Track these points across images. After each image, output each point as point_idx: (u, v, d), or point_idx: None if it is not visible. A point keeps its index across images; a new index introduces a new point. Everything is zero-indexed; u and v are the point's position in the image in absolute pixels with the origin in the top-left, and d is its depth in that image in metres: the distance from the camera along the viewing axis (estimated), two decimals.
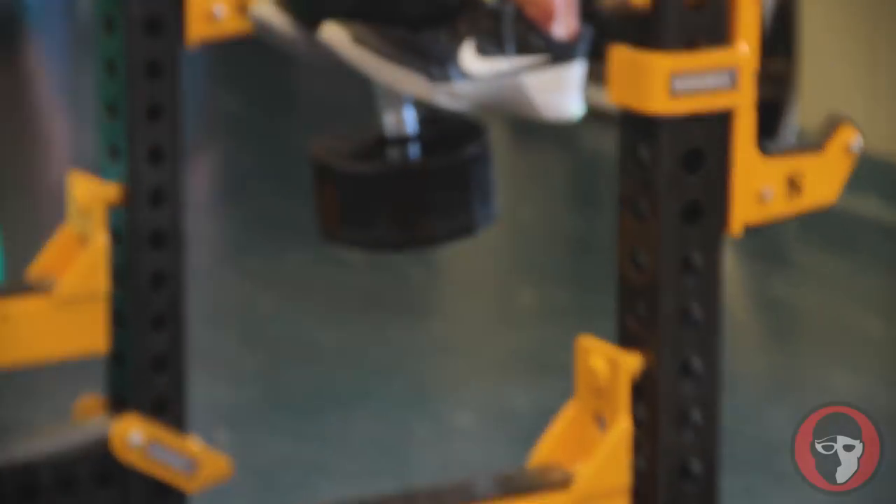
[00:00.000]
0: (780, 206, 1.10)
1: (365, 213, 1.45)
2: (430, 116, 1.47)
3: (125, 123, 1.36)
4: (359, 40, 1.38)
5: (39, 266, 1.52)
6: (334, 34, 1.37)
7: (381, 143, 1.47)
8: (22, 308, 1.44)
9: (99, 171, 1.42)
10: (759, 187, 1.07)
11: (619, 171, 1.11)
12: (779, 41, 3.58)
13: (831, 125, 1.09)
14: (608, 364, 1.07)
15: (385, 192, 1.45)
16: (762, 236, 2.76)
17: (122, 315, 1.45)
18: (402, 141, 1.48)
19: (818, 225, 2.54)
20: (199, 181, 3.21)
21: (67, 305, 1.45)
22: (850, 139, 1.10)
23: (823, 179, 1.10)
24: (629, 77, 1.06)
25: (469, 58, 1.44)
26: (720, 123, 1.07)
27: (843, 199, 1.18)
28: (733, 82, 1.06)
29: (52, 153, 3.37)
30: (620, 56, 1.05)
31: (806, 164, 1.09)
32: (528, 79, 1.39)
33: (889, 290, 3.01)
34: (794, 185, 1.08)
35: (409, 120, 1.47)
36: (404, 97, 1.46)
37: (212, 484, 1.65)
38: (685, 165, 1.04)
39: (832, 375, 2.78)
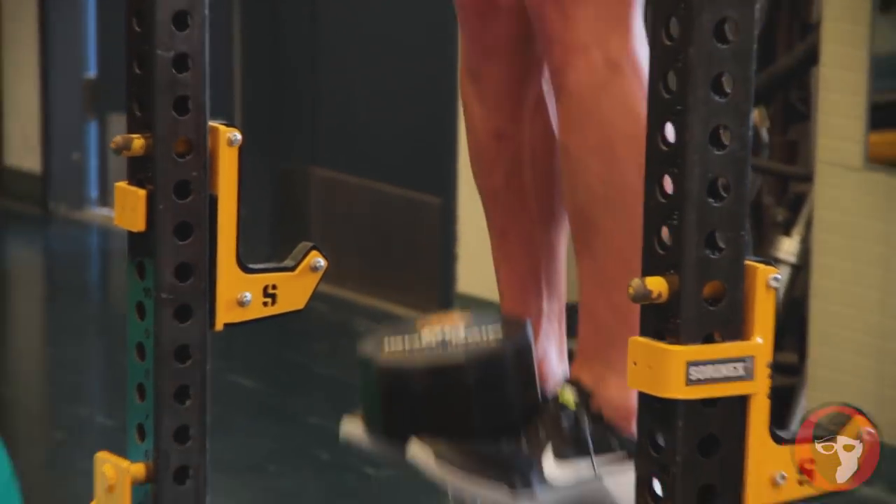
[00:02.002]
0: (792, 490, 1.14)
1: None
2: None
3: (152, 404, 1.44)
4: (442, 457, 1.48)
5: None
6: (419, 452, 1.49)
7: None
8: None
9: (125, 450, 1.51)
10: (772, 472, 1.13)
11: (637, 453, 1.15)
12: (790, 332, 3.87)
13: (838, 420, 1.18)
14: None
15: None
16: None
17: None
18: None
19: None
20: (217, 459, 3.34)
21: None
22: (861, 430, 1.20)
23: (828, 467, 1.19)
24: (648, 365, 1.13)
25: (549, 465, 1.52)
26: (735, 410, 1.14)
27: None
28: (748, 372, 1.13)
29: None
30: (639, 346, 1.13)
31: (816, 453, 1.17)
32: (610, 482, 1.46)
33: None
34: (805, 471, 1.16)
35: None
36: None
37: None
38: (700, 450, 1.10)
39: None
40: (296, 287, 1.59)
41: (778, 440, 1.13)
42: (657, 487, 1.09)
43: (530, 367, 1.62)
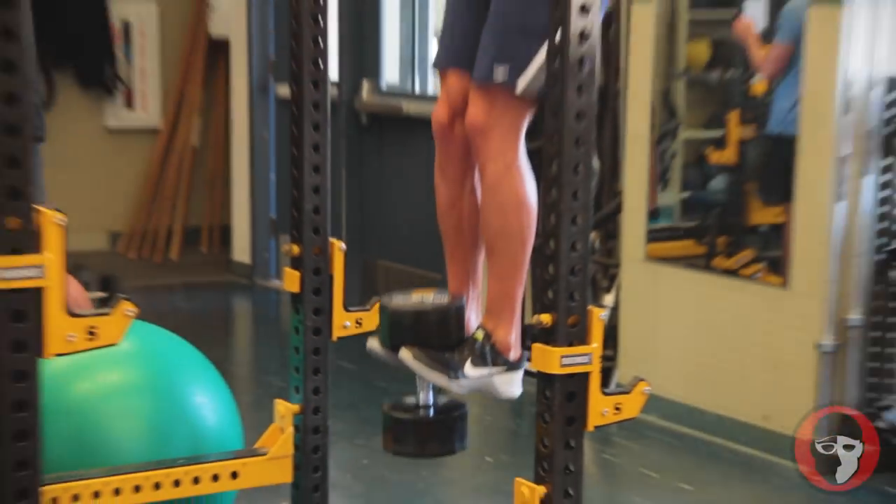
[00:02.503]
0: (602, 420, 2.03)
1: (406, 439, 2.84)
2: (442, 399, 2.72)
3: (302, 376, 2.59)
4: (416, 358, 2.57)
5: None
6: (405, 355, 2.56)
7: (416, 406, 2.74)
8: None
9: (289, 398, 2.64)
10: (599, 409, 2.04)
11: (537, 400, 2.10)
12: (610, 340, 5.56)
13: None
14: None
15: (415, 430, 2.81)
16: None
17: None
18: (426, 406, 2.74)
19: None
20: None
21: None
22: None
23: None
24: (542, 357, 2.11)
25: (468, 368, 2.61)
26: (583, 380, 2.02)
27: None
28: (590, 361, 2.02)
29: None
30: (539, 350, 2.07)
31: (624, 398, 2.07)
32: (496, 379, 2.60)
33: None
34: (617, 407, 2.04)
35: (430, 396, 2.71)
36: (431, 385, 2.66)
37: None
38: (567, 398, 2.00)
39: None
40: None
41: (604, 393, 2.01)
42: (546, 416, 2.03)
43: (462, 319, 2.71)
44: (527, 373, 2.57)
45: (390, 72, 7.06)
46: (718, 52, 5.33)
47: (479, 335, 2.68)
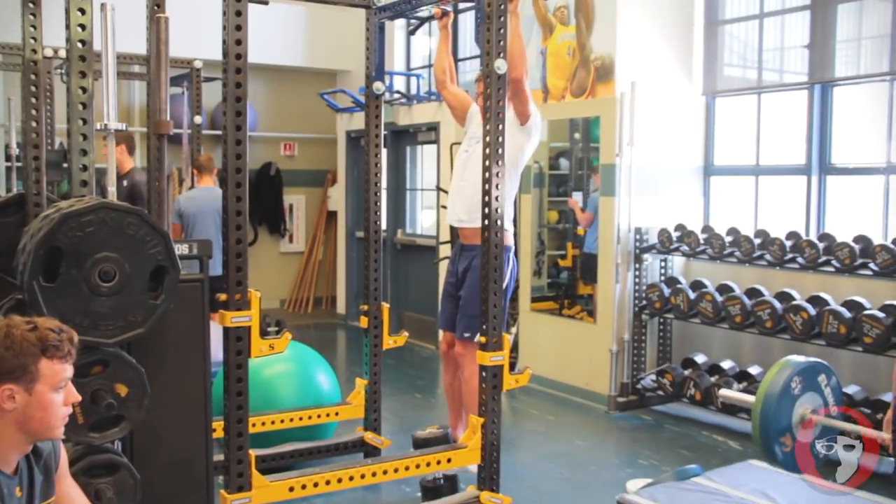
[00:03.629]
0: (507, 383, 3.63)
1: (433, 494, 3.54)
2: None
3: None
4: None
5: None
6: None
7: (434, 479, 3.42)
8: None
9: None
10: (509, 383, 3.91)
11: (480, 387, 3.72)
12: (515, 347, 6.21)
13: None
14: None
15: (434, 491, 3.48)
16: None
17: None
18: (438, 478, 3.40)
19: None
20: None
21: None
22: None
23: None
24: (482, 357, 3.68)
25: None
26: (499, 372, 3.66)
27: None
28: (504, 358, 3.67)
29: None
30: (481, 353, 3.64)
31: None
32: (471, 466, 3.27)
33: None
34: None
35: (440, 473, 3.37)
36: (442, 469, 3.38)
37: None
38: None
39: None
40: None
41: (511, 374, 3.27)
42: (483, 385, 3.14)
43: (450, 438, 3.84)
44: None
45: (409, 223, 8.82)
46: (561, 216, 6.50)
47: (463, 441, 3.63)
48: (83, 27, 2.53)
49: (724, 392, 4.29)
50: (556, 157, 6.38)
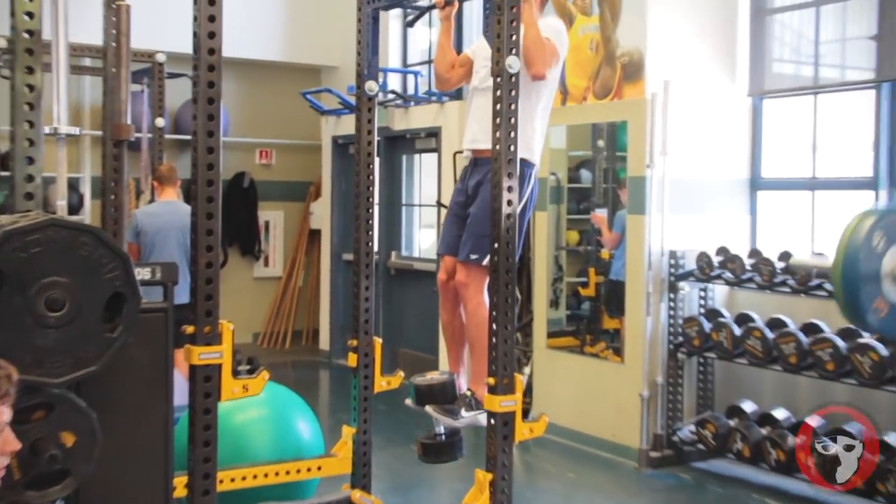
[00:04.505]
0: (520, 433, 3.83)
1: (429, 452, 3.88)
2: (447, 431, 3.80)
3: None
4: (434, 410, 3.64)
5: None
6: (428, 409, 3.68)
7: (434, 435, 3.77)
8: None
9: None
10: (523, 434, 4.03)
11: (488, 422, 3.70)
12: (529, 390, 6.20)
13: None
14: None
15: (434, 450, 3.86)
16: None
17: None
18: (439, 434, 3.79)
19: None
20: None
21: None
22: None
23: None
24: (490, 402, 3.82)
25: (463, 412, 3.53)
26: (511, 418, 3.83)
27: None
28: (517, 402, 3.75)
29: None
30: (489, 398, 3.74)
31: None
32: (479, 417, 3.55)
33: None
34: None
35: (442, 429, 3.74)
36: (444, 423, 3.65)
37: None
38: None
39: None
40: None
41: (525, 421, 3.16)
42: (492, 434, 3.06)
43: (455, 386, 3.68)
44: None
45: (406, 244, 8.94)
46: (582, 237, 6.54)
47: (468, 393, 3.63)
48: (30, 15, 2.51)
49: (794, 260, 4.46)
50: (576, 168, 6.42)
